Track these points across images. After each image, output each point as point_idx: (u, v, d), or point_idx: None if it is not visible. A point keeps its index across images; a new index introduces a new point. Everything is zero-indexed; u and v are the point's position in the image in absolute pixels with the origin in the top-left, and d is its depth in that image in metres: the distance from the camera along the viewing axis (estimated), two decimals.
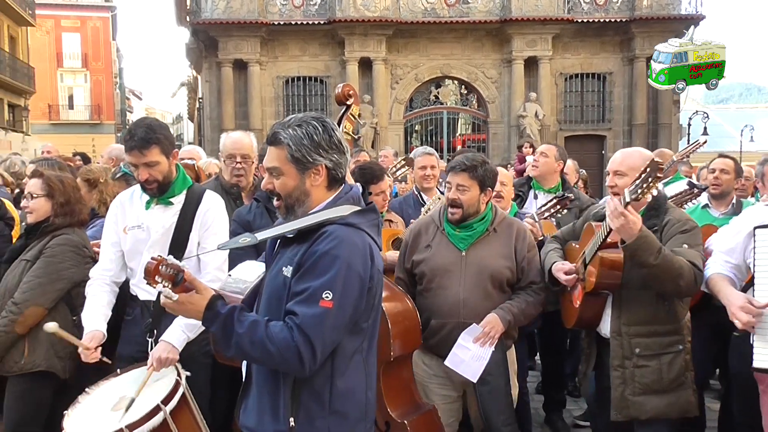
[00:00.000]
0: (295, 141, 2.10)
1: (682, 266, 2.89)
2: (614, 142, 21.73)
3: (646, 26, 20.91)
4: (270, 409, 2.12)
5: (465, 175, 3.35)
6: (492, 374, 3.33)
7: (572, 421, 4.98)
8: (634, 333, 3.12)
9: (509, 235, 3.44)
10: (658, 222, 3.13)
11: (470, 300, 3.32)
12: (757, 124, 30.75)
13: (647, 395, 3.09)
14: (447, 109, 22.54)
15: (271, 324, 2.02)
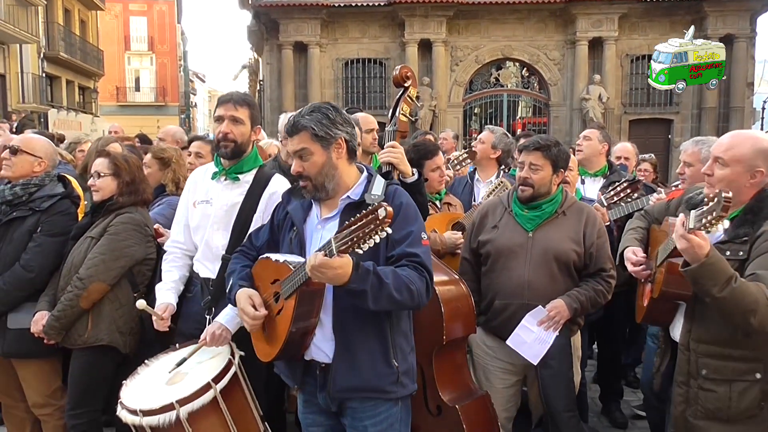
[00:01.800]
0: (314, 122, 2.40)
1: (758, 301, 2.39)
2: (682, 126, 20.97)
3: (720, 5, 19.98)
4: (382, 358, 2.43)
5: (538, 154, 3.33)
6: (555, 359, 3.30)
7: (630, 412, 4.87)
8: (703, 352, 2.72)
9: (579, 219, 3.38)
10: (752, 231, 2.61)
11: (535, 281, 3.29)
12: None
13: (710, 421, 2.71)
14: (507, 91, 22.15)
15: (398, 269, 2.34)
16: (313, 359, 2.49)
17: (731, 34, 20.20)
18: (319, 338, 2.45)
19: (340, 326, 2.42)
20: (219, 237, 3.15)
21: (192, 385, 2.70)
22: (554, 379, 3.33)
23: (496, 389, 3.42)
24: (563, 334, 3.30)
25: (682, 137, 20.56)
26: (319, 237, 2.48)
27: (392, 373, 2.44)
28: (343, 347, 2.42)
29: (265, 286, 2.51)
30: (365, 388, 2.44)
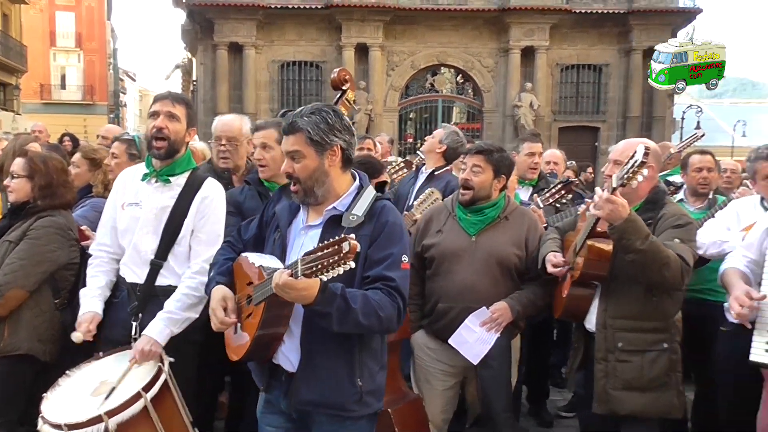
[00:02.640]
0: (312, 125, 2.31)
1: (669, 256, 2.85)
2: (608, 134, 21.74)
3: (644, 19, 20.86)
4: (346, 376, 2.36)
5: (481, 157, 3.41)
6: (496, 360, 3.37)
7: (556, 411, 5.00)
8: (618, 327, 3.08)
9: (521, 224, 3.47)
10: (654, 215, 3.10)
11: (478, 285, 3.35)
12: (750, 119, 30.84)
13: (627, 391, 3.05)
14: (442, 97, 22.48)
15: (369, 293, 2.26)
16: (280, 365, 2.45)
17: (654, 47, 21.04)
18: (288, 346, 2.40)
19: (308, 339, 2.36)
20: (148, 241, 3.04)
21: (120, 395, 2.61)
22: (494, 380, 3.40)
23: (436, 391, 3.47)
24: (505, 336, 3.37)
25: (608, 144, 21.30)
26: (300, 243, 2.42)
27: (355, 392, 2.37)
28: (308, 360, 2.37)
29: (242, 285, 2.46)
30: (325, 404, 2.37)
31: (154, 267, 3.01)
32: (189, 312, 2.96)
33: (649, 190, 3.14)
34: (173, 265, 3.04)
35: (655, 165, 3.11)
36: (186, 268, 3.03)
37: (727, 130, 29.77)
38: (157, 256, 3.02)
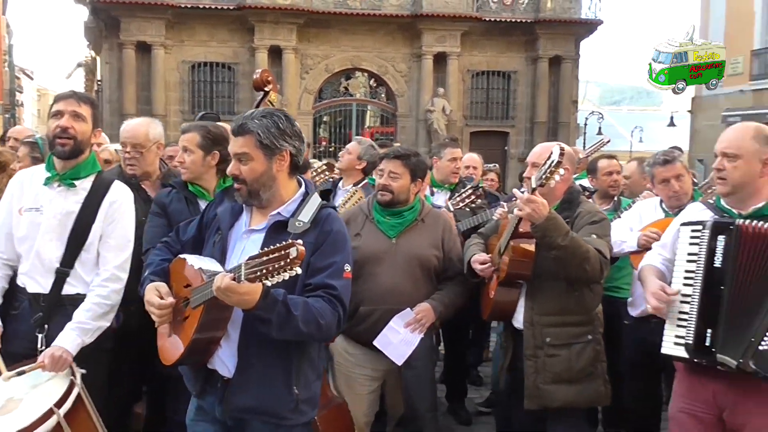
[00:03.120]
0: (262, 129, 2.29)
1: (589, 251, 3.01)
2: (517, 138, 22.49)
3: (550, 28, 21.70)
4: (283, 383, 2.33)
5: (398, 163, 3.45)
6: (419, 360, 3.42)
7: (474, 409, 5.13)
8: (545, 323, 3.20)
9: (436, 225, 3.54)
10: (571, 214, 3.25)
11: (400, 287, 3.39)
12: (646, 125, 32.66)
13: (558, 384, 3.18)
14: (356, 101, 22.58)
15: (310, 300, 2.25)
16: (216, 370, 2.39)
17: (559, 56, 21.99)
18: (225, 351, 2.35)
19: (245, 344, 2.32)
20: (52, 248, 2.90)
21: (31, 412, 2.46)
22: (418, 380, 3.46)
23: (358, 395, 3.47)
24: (428, 336, 3.44)
25: (517, 149, 22.11)
26: (242, 247, 2.38)
27: (291, 400, 2.34)
28: (245, 365, 2.33)
29: (178, 287, 2.38)
30: (260, 411, 2.33)
31: (59, 276, 2.88)
32: (100, 321, 2.86)
33: (565, 190, 3.31)
34: (81, 273, 2.93)
35: (570, 167, 3.29)
36: (94, 275, 2.92)
37: (625, 136, 31.39)
38: (62, 264, 2.90)
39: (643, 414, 3.99)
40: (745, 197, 2.63)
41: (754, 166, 2.58)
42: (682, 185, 3.85)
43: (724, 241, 2.50)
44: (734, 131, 2.69)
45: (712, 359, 2.49)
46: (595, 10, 22.31)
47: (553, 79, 22.29)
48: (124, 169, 3.76)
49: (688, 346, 2.54)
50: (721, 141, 2.68)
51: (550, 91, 22.27)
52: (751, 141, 2.59)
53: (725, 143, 2.65)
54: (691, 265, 2.61)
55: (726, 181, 2.62)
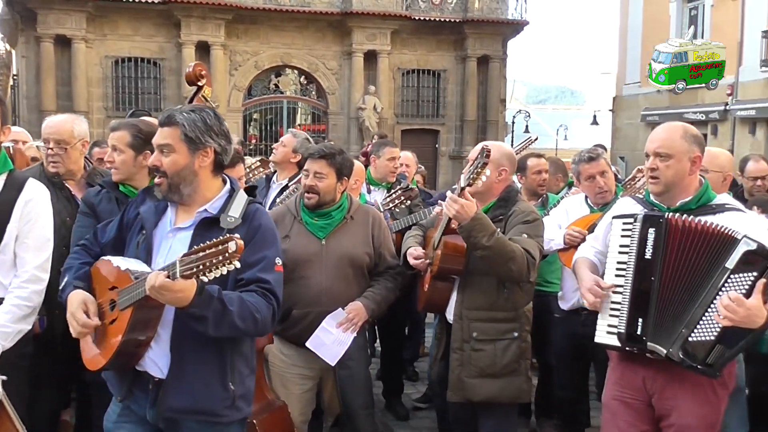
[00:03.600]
0: (189, 122, 2.29)
1: (515, 251, 3.06)
2: (447, 136, 22.79)
3: (478, 28, 22.07)
4: (218, 380, 2.31)
5: (323, 162, 3.40)
6: (353, 359, 3.42)
7: (411, 404, 5.18)
8: (473, 317, 3.26)
9: (366, 222, 3.53)
10: (505, 212, 3.30)
11: (332, 288, 3.37)
12: (571, 124, 33.80)
13: (481, 378, 3.24)
14: (287, 98, 22.38)
15: (245, 295, 2.24)
16: (146, 371, 2.32)
17: (487, 55, 22.41)
18: (156, 352, 2.29)
19: (178, 343, 2.28)
20: None
21: None
22: (352, 379, 3.46)
23: (294, 395, 3.45)
24: (361, 335, 3.45)
25: (448, 146, 22.43)
26: (168, 246, 2.33)
27: (227, 397, 2.33)
28: (178, 365, 2.28)
29: (102, 290, 2.30)
30: (196, 410, 2.30)
31: None
32: (21, 324, 2.74)
33: (503, 189, 3.36)
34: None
35: (509, 167, 3.35)
36: (12, 277, 2.79)
37: (551, 134, 32.32)
38: None
39: (573, 403, 4.13)
40: (675, 194, 2.72)
41: (684, 165, 2.67)
42: (607, 181, 4.00)
43: (654, 234, 2.60)
44: (664, 131, 2.74)
45: (643, 347, 2.59)
46: (521, 11, 22.88)
47: (482, 78, 22.70)
48: (46, 166, 3.60)
49: (620, 335, 2.64)
50: (652, 141, 2.73)
51: (479, 89, 22.67)
52: (681, 140, 2.68)
53: (657, 143, 2.70)
54: (622, 257, 2.71)
55: (659, 180, 2.69)
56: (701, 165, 2.77)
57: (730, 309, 2.33)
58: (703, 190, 2.73)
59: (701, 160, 2.72)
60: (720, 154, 3.54)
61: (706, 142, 2.89)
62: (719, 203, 2.73)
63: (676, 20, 20.56)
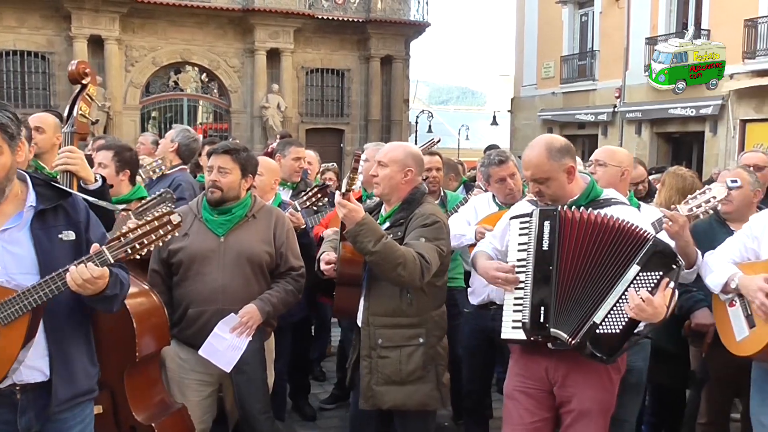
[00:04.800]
0: (6, 119, 2.17)
1: (405, 256, 2.97)
2: (352, 136, 22.86)
3: (380, 28, 22.28)
4: (89, 360, 2.41)
5: (227, 158, 3.35)
6: (249, 363, 3.35)
7: (318, 405, 5.16)
8: (379, 324, 3.20)
9: (269, 221, 3.48)
10: (407, 215, 3.24)
11: (230, 286, 3.30)
12: (472, 125, 34.71)
13: (388, 386, 3.18)
14: (187, 96, 21.75)
15: (114, 269, 2.27)
16: (13, 384, 2.21)
17: (390, 56, 22.67)
18: (31, 357, 2.21)
19: (55, 339, 2.26)
20: None
21: None
22: (249, 384, 3.39)
23: (192, 402, 3.35)
24: (257, 338, 3.37)
25: (353, 146, 22.47)
26: None
27: (96, 372, 2.46)
28: (61, 359, 2.28)
29: None
30: (82, 393, 2.37)
31: None
32: None
33: (410, 190, 3.29)
34: None
35: (415, 168, 3.31)
36: None
37: (453, 134, 33.06)
38: None
39: (479, 396, 4.24)
40: (564, 200, 2.86)
41: (562, 179, 2.82)
42: (516, 182, 4.11)
43: (549, 226, 2.74)
44: (532, 158, 2.82)
45: (547, 334, 2.70)
46: (422, 13, 23.28)
47: (386, 77, 22.93)
48: None
49: (525, 326, 2.74)
50: (526, 169, 2.84)
51: (383, 89, 22.90)
52: (549, 162, 2.78)
53: (531, 170, 2.81)
54: (522, 254, 2.82)
55: (545, 197, 2.86)
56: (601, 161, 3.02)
57: (641, 307, 2.49)
58: (589, 188, 2.90)
59: (575, 168, 2.87)
60: (619, 150, 3.73)
61: (597, 142, 3.05)
62: (607, 198, 2.91)
63: (568, 25, 21.57)
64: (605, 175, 3.51)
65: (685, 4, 18.08)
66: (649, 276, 2.57)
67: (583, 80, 20.93)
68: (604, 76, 20.13)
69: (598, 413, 2.80)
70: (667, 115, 17.85)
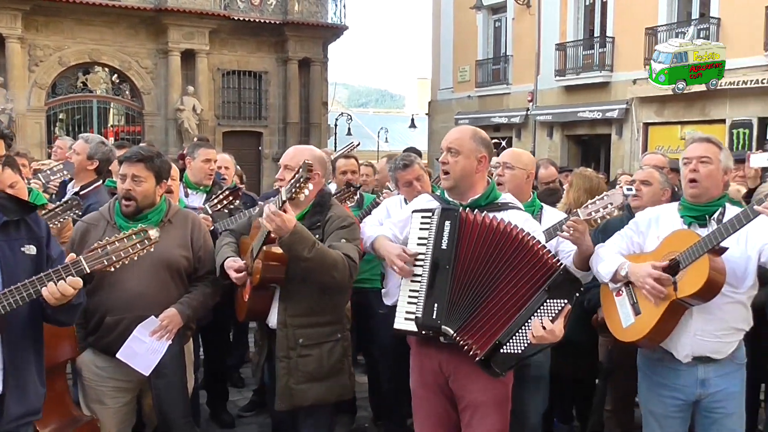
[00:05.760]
0: None
1: (336, 259, 3.09)
2: (270, 139, 22.62)
3: (298, 30, 22.15)
4: (39, 379, 2.39)
5: (141, 166, 3.27)
6: (169, 367, 3.30)
7: (237, 412, 5.09)
8: (298, 324, 3.25)
9: (185, 225, 3.43)
10: (321, 218, 3.31)
11: (147, 292, 3.24)
12: (391, 127, 35.03)
13: (309, 383, 3.25)
14: (97, 97, 20.91)
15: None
16: None
17: (308, 58, 22.58)
18: None
19: (10, 352, 2.26)
20: None
21: None
22: (169, 388, 3.34)
23: (110, 410, 3.29)
24: (176, 342, 3.33)
25: (271, 149, 22.27)
26: None
27: (44, 393, 2.44)
28: (14, 374, 2.30)
29: None
30: (31, 412, 2.35)
31: None
32: None
33: (316, 193, 3.34)
34: None
35: (321, 171, 3.38)
36: None
37: (373, 137, 33.28)
38: None
39: (397, 394, 4.30)
40: (464, 190, 3.02)
41: (472, 162, 2.98)
42: (423, 185, 4.22)
43: (449, 226, 2.84)
44: (456, 131, 3.09)
45: (437, 329, 2.80)
46: (340, 15, 23.32)
47: (304, 80, 22.82)
48: None
49: (417, 319, 2.83)
50: (445, 139, 3.05)
51: (301, 92, 22.78)
52: (470, 141, 3.00)
53: (449, 140, 3.01)
54: (421, 248, 2.91)
55: (449, 175, 2.99)
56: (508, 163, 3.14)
57: (543, 336, 2.63)
58: (490, 189, 3.06)
59: (487, 160, 3.04)
60: (524, 153, 3.90)
61: (511, 145, 3.21)
62: (504, 202, 3.07)
63: (482, 31, 22.14)
64: (513, 177, 3.66)
65: (591, 13, 18.93)
66: (555, 304, 2.70)
67: (498, 84, 21.53)
68: (518, 80, 20.78)
69: (492, 405, 2.89)
70: (576, 119, 18.64)
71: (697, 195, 2.98)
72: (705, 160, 2.96)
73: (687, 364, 2.96)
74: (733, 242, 2.85)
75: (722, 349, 2.95)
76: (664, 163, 5.09)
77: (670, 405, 3.03)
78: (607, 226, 3.86)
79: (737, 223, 2.74)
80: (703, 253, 2.78)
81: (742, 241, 2.89)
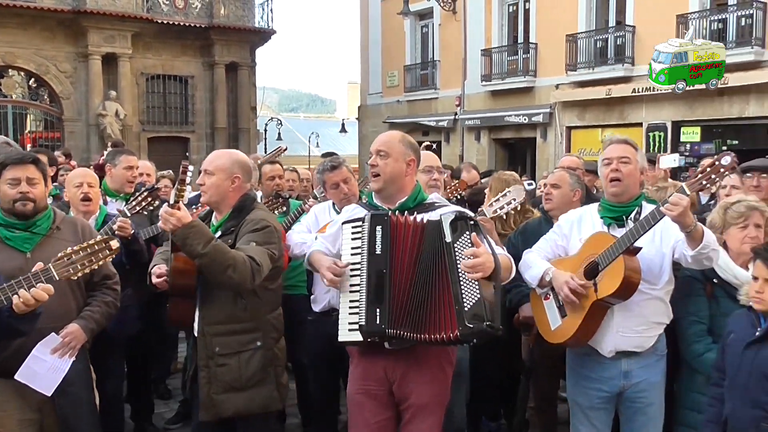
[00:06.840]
0: None
1: (235, 258, 2.99)
2: (198, 144, 22.15)
3: (224, 34, 21.81)
4: None
5: (33, 168, 3.15)
6: (74, 385, 3.16)
7: (163, 425, 4.96)
8: (214, 332, 3.19)
9: (75, 231, 3.30)
10: (237, 224, 3.25)
11: (44, 304, 3.05)
12: (322, 132, 34.96)
13: (228, 393, 3.17)
14: (12, 102, 20.03)
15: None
16: None
17: (235, 62, 22.27)
18: None
19: None
20: None
21: None
22: (75, 406, 3.19)
23: None
24: (81, 358, 3.19)
25: (199, 154, 21.76)
26: None
27: None
28: None
29: None
30: None
31: None
32: None
33: (239, 198, 3.32)
34: None
35: (242, 175, 3.33)
36: None
37: (304, 141, 33.11)
38: None
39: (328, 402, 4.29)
40: (393, 193, 3.04)
41: (401, 165, 3.01)
42: (350, 187, 4.23)
43: (381, 231, 2.85)
44: (386, 135, 3.13)
45: (383, 334, 2.78)
46: (267, 20, 23.09)
47: (231, 85, 22.48)
48: None
49: (362, 327, 2.81)
50: (375, 142, 3.08)
51: (229, 97, 22.43)
52: (399, 144, 3.04)
53: (378, 144, 3.05)
54: (356, 258, 2.90)
55: (380, 177, 3.01)
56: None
57: (473, 263, 2.59)
58: (417, 191, 3.09)
59: (415, 163, 3.08)
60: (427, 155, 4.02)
61: (440, 148, 3.27)
62: (431, 202, 3.12)
63: (410, 36, 22.35)
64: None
65: (515, 20, 19.43)
66: (463, 242, 2.70)
67: (426, 89, 21.79)
68: (445, 85, 21.09)
69: (435, 406, 2.96)
70: (503, 123, 19.08)
71: (619, 193, 3.12)
72: (625, 160, 3.11)
73: (611, 358, 3.12)
74: (648, 241, 2.99)
75: (644, 343, 3.11)
76: (578, 165, 5.29)
77: (595, 397, 3.19)
78: (525, 229, 3.97)
79: (646, 225, 2.88)
80: (619, 255, 2.90)
81: (657, 239, 3.05)
